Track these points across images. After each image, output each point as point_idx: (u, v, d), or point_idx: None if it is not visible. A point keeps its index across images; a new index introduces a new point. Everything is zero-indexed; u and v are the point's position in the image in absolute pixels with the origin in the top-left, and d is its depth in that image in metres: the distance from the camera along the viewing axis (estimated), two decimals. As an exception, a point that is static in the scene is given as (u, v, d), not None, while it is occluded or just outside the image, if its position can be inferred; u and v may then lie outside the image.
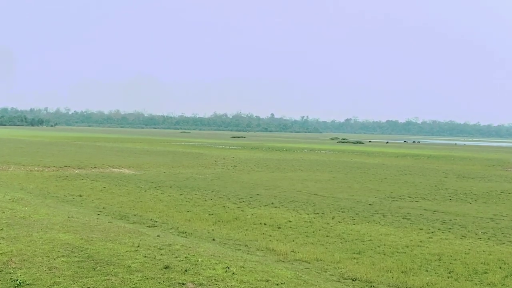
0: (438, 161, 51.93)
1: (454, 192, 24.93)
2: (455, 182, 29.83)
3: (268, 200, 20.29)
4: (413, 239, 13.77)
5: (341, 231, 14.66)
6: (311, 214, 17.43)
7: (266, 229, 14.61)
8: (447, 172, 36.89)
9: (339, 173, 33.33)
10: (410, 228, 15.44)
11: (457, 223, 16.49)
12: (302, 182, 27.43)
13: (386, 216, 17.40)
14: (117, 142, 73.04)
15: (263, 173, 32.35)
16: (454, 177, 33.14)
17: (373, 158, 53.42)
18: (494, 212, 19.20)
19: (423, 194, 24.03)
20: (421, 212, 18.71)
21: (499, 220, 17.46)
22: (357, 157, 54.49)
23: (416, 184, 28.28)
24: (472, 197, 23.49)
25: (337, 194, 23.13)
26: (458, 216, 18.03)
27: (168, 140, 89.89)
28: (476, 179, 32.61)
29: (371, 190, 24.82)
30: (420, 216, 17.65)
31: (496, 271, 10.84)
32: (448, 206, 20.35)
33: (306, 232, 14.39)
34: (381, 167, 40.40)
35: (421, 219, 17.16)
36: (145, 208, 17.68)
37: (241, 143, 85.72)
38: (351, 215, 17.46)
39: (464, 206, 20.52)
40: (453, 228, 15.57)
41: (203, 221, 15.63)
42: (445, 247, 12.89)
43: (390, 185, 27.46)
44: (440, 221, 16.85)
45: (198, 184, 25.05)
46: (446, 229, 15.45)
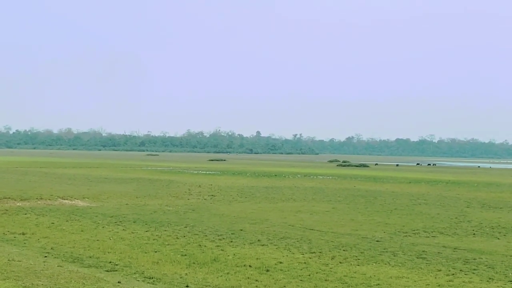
0: (458, 187, 52.18)
1: (478, 226, 25.04)
2: (480, 213, 29.99)
3: (254, 237, 20.23)
4: (430, 283, 13.79)
5: (342, 274, 14.63)
6: (307, 253, 17.39)
7: (251, 273, 14.54)
8: (470, 201, 37.08)
9: (340, 203, 33.39)
10: (426, 269, 15.46)
11: (482, 263, 16.53)
12: (296, 215, 27.43)
13: (397, 255, 17.41)
14: (68, 168, 72.58)
15: (247, 204, 32.30)
16: (478, 207, 33.32)
17: (381, 184, 53.60)
18: (527, 249, 19.32)
19: (441, 228, 24.11)
20: (439, 249, 18.75)
21: (533, 258, 17.56)
22: (361, 183, 54.64)
23: (433, 215, 28.40)
24: (500, 231, 23.61)
25: (337, 228, 23.14)
26: (484, 254, 18.08)
27: (131, 165, 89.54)
28: (505, 209, 32.82)
29: (379, 224, 24.87)
30: (438, 255, 17.68)
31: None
32: (472, 242, 20.43)
33: (301, 275, 14.34)
34: (391, 195, 40.55)
35: (440, 258, 17.19)
36: (103, 248, 17.52)
37: (221, 168, 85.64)
38: (355, 254, 17.45)
39: (491, 242, 20.61)
40: (478, 269, 15.61)
41: (175, 263, 15.52)
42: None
43: (402, 217, 27.54)
44: (462, 260, 16.88)
45: (168, 218, 24.93)
46: (470, 270, 15.48)
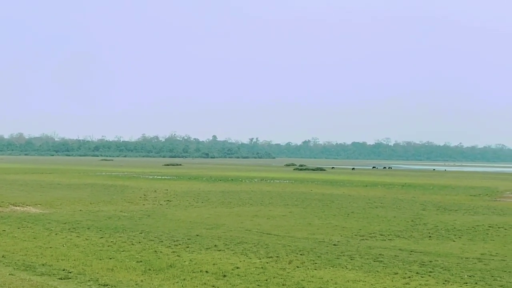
0: (414, 190, 52.83)
1: (434, 228, 25.36)
2: (435, 216, 30.38)
3: (210, 242, 20.14)
4: (387, 286, 13.90)
5: (300, 278, 14.65)
6: (264, 258, 17.37)
7: (208, 278, 14.47)
8: (426, 204, 37.56)
9: (297, 207, 33.48)
10: (383, 272, 15.58)
11: (438, 265, 16.74)
12: (252, 219, 27.40)
13: (354, 259, 17.51)
14: (20, 174, 71.41)
15: (203, 208, 32.17)
16: (433, 210, 33.76)
17: (337, 188, 53.96)
18: (482, 251, 19.60)
19: (397, 231, 24.35)
20: (395, 252, 18.92)
21: (487, 260, 17.83)
22: (318, 187, 54.94)
23: (389, 219, 28.67)
24: (455, 233, 23.94)
25: (294, 232, 23.18)
26: (440, 256, 18.31)
27: (85, 170, 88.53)
28: (460, 211, 33.31)
29: (336, 227, 24.99)
30: (394, 258, 17.84)
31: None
32: (428, 245, 20.67)
33: (258, 280, 14.31)
34: (347, 199, 40.83)
35: (396, 261, 17.35)
36: (56, 255, 17.25)
37: (177, 172, 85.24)
38: (312, 258, 17.49)
39: (447, 245, 20.88)
40: (434, 271, 15.80)
41: (130, 270, 15.36)
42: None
43: (358, 220, 27.73)
44: (419, 263, 17.07)
45: (123, 224, 24.68)
46: (426, 272, 15.66)
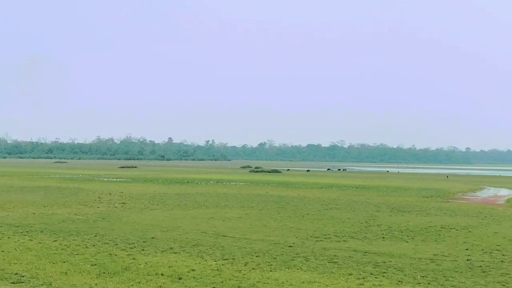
0: (368, 192, 53.37)
1: (387, 229, 25.65)
2: (389, 217, 30.73)
3: (165, 245, 20.03)
4: (341, 287, 14.01)
5: (255, 280, 14.67)
6: (219, 260, 17.35)
7: (163, 281, 14.38)
8: (379, 206, 37.97)
9: (253, 209, 33.52)
10: (338, 273, 15.70)
11: (392, 266, 16.94)
12: (208, 221, 27.33)
13: (309, 260, 17.60)
14: (-29, 176, 69.97)
15: (159, 211, 31.98)
16: (387, 211, 34.15)
17: (293, 190, 54.17)
18: (434, 251, 19.90)
19: (352, 232, 24.56)
20: (350, 254, 19.08)
21: (440, 261, 18.11)
22: (274, 189, 55.07)
23: (344, 220, 28.90)
24: (408, 234, 24.26)
25: (250, 234, 23.21)
26: (393, 257, 18.53)
27: (38, 172, 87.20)
28: (413, 213, 33.75)
29: (291, 229, 25.09)
30: (349, 259, 18.00)
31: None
32: (381, 246, 20.90)
33: (214, 282, 14.29)
34: (302, 200, 41.02)
35: (350, 262, 17.50)
36: (8, 259, 16.94)
37: (132, 175, 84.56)
38: (268, 260, 17.53)
39: (400, 245, 21.14)
40: (388, 272, 15.98)
41: (84, 273, 15.17)
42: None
43: (313, 222, 27.88)
44: (373, 264, 17.25)
45: (78, 227, 24.37)
46: (380, 273, 15.83)
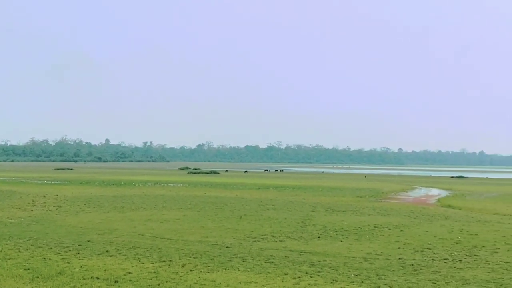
0: (304, 192, 53.86)
1: (323, 229, 25.95)
2: (324, 217, 31.08)
3: (101, 248, 19.78)
4: (277, 286, 14.12)
5: (192, 281, 14.65)
6: (156, 262, 17.24)
7: (99, 285, 14.22)
8: (315, 206, 38.37)
9: (191, 211, 33.41)
10: (274, 273, 15.81)
11: (326, 265, 17.16)
12: (145, 223, 27.12)
13: (246, 261, 17.67)
14: None
15: (95, 214, 31.54)
16: (323, 211, 34.53)
17: (231, 191, 54.23)
18: (368, 250, 20.24)
19: (288, 232, 24.76)
20: (286, 253, 19.23)
21: (373, 259, 18.43)
22: (212, 190, 55.02)
23: (281, 220, 29.09)
24: (343, 233, 24.59)
25: (187, 236, 23.13)
26: (328, 256, 18.77)
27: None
28: (347, 212, 34.23)
29: (229, 230, 25.12)
30: (285, 259, 18.14)
31: (371, 318, 11.42)
32: (317, 246, 21.14)
33: (150, 285, 14.20)
34: (240, 201, 41.09)
35: (287, 262, 17.64)
36: None
37: (67, 177, 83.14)
38: (205, 261, 17.52)
39: (335, 245, 21.42)
40: (323, 271, 16.18)
41: (16, 278, 14.84)
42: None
43: (251, 222, 27.98)
44: (308, 263, 17.44)
45: (10, 231, 23.81)
46: (315, 272, 16.01)
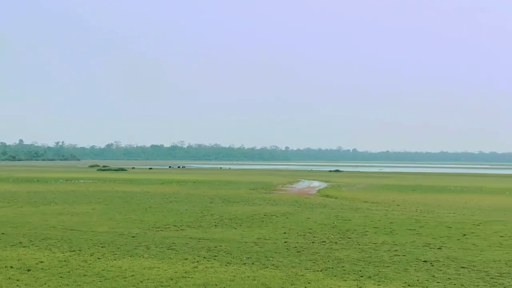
0: (204, 186, 53.88)
1: (219, 218, 26.03)
2: (221, 208, 31.20)
3: (15, 240, 18.99)
4: (178, 270, 14.04)
5: (100, 268, 14.33)
6: (67, 252, 16.73)
7: (12, 273, 13.65)
8: (213, 198, 38.45)
9: (99, 205, 32.64)
10: (175, 258, 15.71)
11: (222, 250, 17.23)
12: (57, 217, 26.26)
13: (150, 248, 17.46)
14: None
15: (9, 208, 30.23)
16: (220, 203, 34.65)
17: (137, 186, 53.47)
18: (258, 236, 20.48)
19: (188, 222, 24.67)
20: (186, 241, 19.16)
21: (262, 243, 18.67)
22: (119, 185, 54.04)
23: (182, 211, 28.94)
24: (237, 222, 24.77)
25: (96, 227, 22.59)
26: (224, 242, 18.86)
27: None
28: (241, 203, 34.52)
29: (135, 221, 24.74)
30: (185, 245, 18.07)
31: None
32: (214, 233, 21.19)
33: (61, 273, 13.77)
34: (145, 195, 40.58)
35: (187, 248, 17.58)
36: None
37: (-17, 175, 79.29)
38: (112, 249, 17.17)
39: (229, 232, 21.54)
40: (219, 255, 16.24)
41: None
42: (210, 276, 13.38)
43: (155, 214, 27.67)
44: (206, 249, 17.45)
45: None
46: (212, 256, 16.05)
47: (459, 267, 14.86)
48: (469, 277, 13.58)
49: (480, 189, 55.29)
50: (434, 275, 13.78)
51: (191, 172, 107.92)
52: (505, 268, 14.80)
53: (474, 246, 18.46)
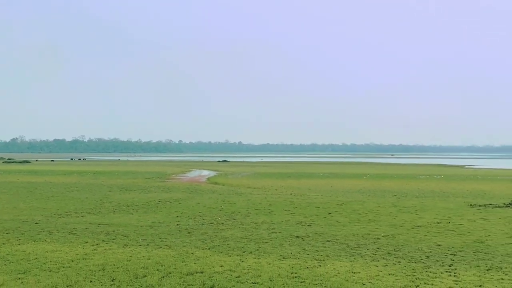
0: (103, 176, 52.28)
1: (117, 205, 25.39)
2: (119, 195, 30.44)
3: None
4: (78, 253, 13.57)
5: (5, 252, 13.56)
6: (-29, 239, 15.68)
7: None
8: (112, 187, 37.42)
9: (5, 194, 30.79)
10: (76, 242, 15.16)
11: (120, 233, 16.83)
12: (-39, 207, 24.51)
13: (52, 233, 16.72)
14: None
15: None
16: (118, 191, 33.79)
17: (41, 177, 50.91)
18: (153, 220, 20.21)
19: (88, 208, 23.86)
20: (86, 226, 18.54)
21: (157, 227, 18.45)
22: (24, 176, 51.22)
23: (83, 199, 27.95)
24: (134, 208, 24.27)
25: (1, 216, 21.29)
26: (121, 226, 18.42)
27: None
28: (138, 191, 33.86)
29: (38, 209, 23.58)
30: (85, 230, 17.48)
31: (154, 273, 11.42)
32: (112, 218, 20.64)
33: (-35, 259, 12.88)
34: (48, 185, 38.77)
35: (87, 232, 17.02)
36: None
37: None
38: (17, 235, 16.29)
39: (127, 217, 21.08)
40: (116, 238, 15.85)
41: None
42: (109, 257, 13.04)
43: (57, 202, 26.51)
44: (105, 233, 16.97)
45: None
46: (110, 239, 15.64)
47: (325, 240, 15.48)
48: (333, 249, 14.18)
49: (343, 175, 57.77)
50: (304, 248, 14.27)
51: (91, 164, 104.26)
52: (362, 240, 15.59)
53: (337, 222, 19.30)
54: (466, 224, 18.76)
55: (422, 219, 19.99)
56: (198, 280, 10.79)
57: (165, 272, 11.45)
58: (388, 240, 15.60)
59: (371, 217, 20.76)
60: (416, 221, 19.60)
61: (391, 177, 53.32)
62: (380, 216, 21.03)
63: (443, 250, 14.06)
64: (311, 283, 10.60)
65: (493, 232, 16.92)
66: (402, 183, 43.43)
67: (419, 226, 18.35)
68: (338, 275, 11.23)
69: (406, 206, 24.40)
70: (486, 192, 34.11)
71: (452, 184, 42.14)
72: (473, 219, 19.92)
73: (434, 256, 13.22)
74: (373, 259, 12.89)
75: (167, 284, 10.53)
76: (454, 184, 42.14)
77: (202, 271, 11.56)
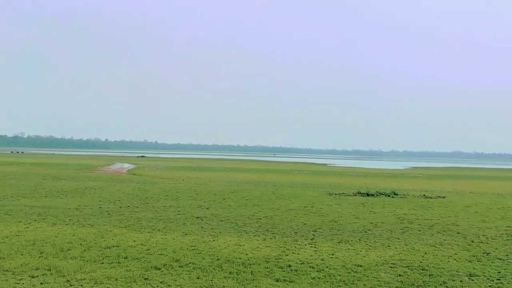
0: (38, 167, 48.77)
1: (49, 191, 23.83)
2: (52, 183, 28.57)
3: None
4: (12, 230, 12.57)
5: None
6: None
7: None
8: (45, 176, 35.03)
9: None
10: (11, 222, 14.04)
11: (50, 214, 15.82)
12: None
13: (-12, 215, 15.34)
14: None
15: None
16: (51, 179, 31.70)
17: (-19, 166, 46.47)
18: (79, 203, 19.18)
19: (24, 193, 22.17)
20: (21, 208, 17.21)
21: (82, 209, 17.53)
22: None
23: (19, 186, 25.91)
24: (63, 193, 22.90)
25: None
26: (51, 209, 17.31)
27: None
28: (68, 179, 31.98)
29: (-24, 194, 21.50)
30: (20, 211, 16.23)
31: (78, 247, 10.84)
32: (44, 202, 19.34)
33: None
34: (-12, 173, 35.48)
35: (21, 213, 15.82)
36: None
37: None
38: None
39: (57, 201, 19.84)
40: (47, 219, 14.88)
41: None
42: (39, 234, 12.20)
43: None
44: (37, 214, 15.86)
45: None
46: (41, 219, 14.65)
47: (219, 220, 15.52)
48: (225, 227, 14.26)
49: (236, 169, 58.29)
50: (202, 226, 14.22)
51: (29, 156, 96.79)
52: (247, 220, 15.81)
53: (229, 206, 19.43)
54: (325, 208, 19.65)
55: (293, 204, 20.66)
56: (114, 252, 10.39)
57: (87, 246, 10.92)
58: (267, 220, 15.95)
59: (256, 202, 21.12)
60: (289, 205, 20.22)
61: (272, 171, 54.66)
62: (262, 201, 21.46)
63: (307, 227, 14.62)
64: (206, 254, 10.59)
65: (344, 214, 17.86)
66: (280, 176, 44.66)
67: (291, 209, 18.95)
68: (227, 247, 11.31)
69: (282, 194, 25.10)
70: (340, 184, 35.97)
71: (316, 178, 44.00)
72: (330, 204, 20.91)
73: (300, 232, 13.71)
74: (255, 235, 13.12)
75: (87, 256, 10.04)
76: (318, 178, 44.03)
77: (118, 245, 11.15)
